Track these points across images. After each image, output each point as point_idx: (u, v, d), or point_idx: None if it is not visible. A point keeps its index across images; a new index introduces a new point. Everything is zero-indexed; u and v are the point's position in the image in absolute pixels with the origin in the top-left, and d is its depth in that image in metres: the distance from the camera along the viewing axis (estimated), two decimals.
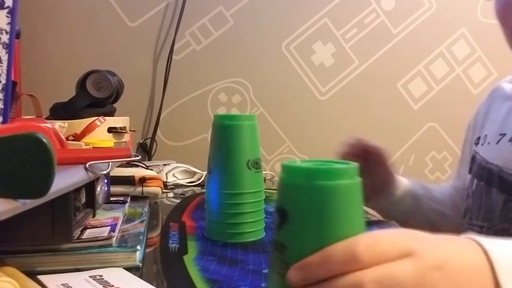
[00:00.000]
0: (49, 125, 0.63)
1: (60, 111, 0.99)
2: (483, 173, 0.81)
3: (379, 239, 0.36)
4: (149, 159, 1.50)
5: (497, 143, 0.80)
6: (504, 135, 0.80)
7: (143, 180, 0.92)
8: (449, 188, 0.99)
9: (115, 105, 1.10)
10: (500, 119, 0.83)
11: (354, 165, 0.37)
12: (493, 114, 0.87)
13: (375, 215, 0.95)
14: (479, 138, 0.87)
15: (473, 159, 0.86)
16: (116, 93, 1.07)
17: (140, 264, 0.56)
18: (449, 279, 0.35)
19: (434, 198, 0.96)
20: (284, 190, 0.37)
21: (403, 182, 0.93)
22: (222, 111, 1.57)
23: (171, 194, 1.08)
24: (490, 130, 0.84)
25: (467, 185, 0.86)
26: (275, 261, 0.37)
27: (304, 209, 0.35)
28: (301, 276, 0.35)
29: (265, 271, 0.54)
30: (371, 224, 0.81)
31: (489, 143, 0.83)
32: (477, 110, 0.94)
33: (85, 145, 0.76)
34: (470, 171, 0.86)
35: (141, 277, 0.52)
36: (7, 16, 0.52)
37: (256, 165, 0.68)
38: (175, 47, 1.53)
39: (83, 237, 0.57)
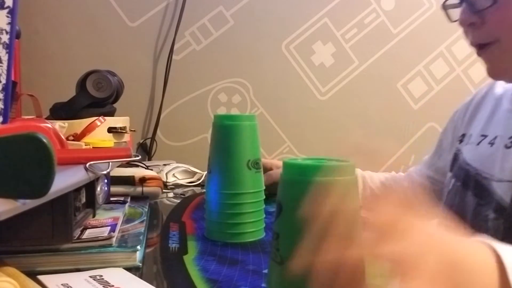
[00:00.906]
0: (49, 125, 0.63)
1: (60, 111, 0.99)
2: (461, 174, 0.81)
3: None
4: (149, 159, 1.50)
5: (478, 144, 0.80)
6: (485, 136, 0.80)
7: (143, 180, 0.92)
8: (402, 177, 0.99)
9: (115, 105, 1.10)
10: (484, 119, 0.83)
11: (347, 163, 0.38)
12: (481, 112, 0.86)
13: None
14: (464, 135, 0.87)
15: (455, 157, 0.85)
16: (116, 93, 1.07)
17: (140, 264, 0.56)
18: (444, 264, 0.35)
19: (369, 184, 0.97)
20: (280, 184, 0.41)
21: None
22: (222, 111, 1.57)
23: (171, 194, 1.08)
24: (475, 129, 0.84)
25: (446, 183, 0.85)
26: (272, 248, 0.40)
27: (292, 201, 0.39)
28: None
29: (265, 271, 0.54)
30: None
31: (471, 143, 0.82)
32: (471, 99, 0.92)
33: (85, 145, 0.77)
34: (451, 169, 0.86)
35: (141, 277, 0.52)
36: (7, 16, 0.52)
37: (256, 165, 0.68)
38: (175, 47, 1.53)
39: (83, 237, 0.57)
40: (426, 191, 0.88)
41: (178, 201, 0.98)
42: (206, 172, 0.77)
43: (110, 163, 0.64)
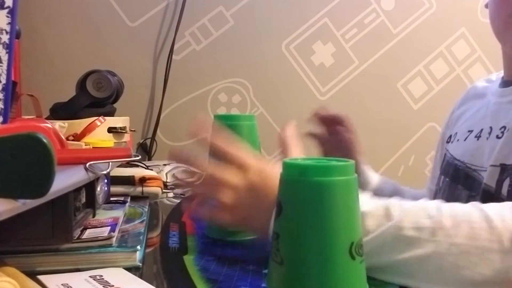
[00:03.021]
0: (49, 125, 0.63)
1: (60, 111, 0.99)
2: (449, 169, 0.83)
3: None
4: (149, 159, 1.50)
5: (465, 140, 0.82)
6: (471, 131, 0.81)
7: (143, 180, 0.92)
8: (422, 192, 1.00)
9: (115, 105, 1.10)
10: (470, 117, 0.85)
11: (347, 163, 0.38)
12: (465, 113, 0.89)
13: None
14: (450, 136, 0.89)
15: (443, 157, 0.88)
16: (116, 93, 1.07)
17: (140, 264, 0.56)
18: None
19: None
20: (280, 184, 0.41)
21: (373, 179, 0.94)
22: (222, 111, 1.57)
23: (171, 194, 1.08)
24: (460, 128, 0.86)
25: (436, 183, 0.88)
26: (272, 249, 0.40)
27: (292, 201, 0.39)
28: None
29: (265, 271, 0.54)
30: None
31: (458, 140, 0.85)
32: (452, 109, 0.95)
33: (85, 145, 0.77)
34: (440, 169, 0.88)
35: (141, 277, 0.52)
36: (7, 16, 0.52)
37: None
38: (175, 47, 1.52)
39: (83, 237, 0.57)
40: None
41: (178, 201, 0.98)
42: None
43: (110, 163, 0.64)
